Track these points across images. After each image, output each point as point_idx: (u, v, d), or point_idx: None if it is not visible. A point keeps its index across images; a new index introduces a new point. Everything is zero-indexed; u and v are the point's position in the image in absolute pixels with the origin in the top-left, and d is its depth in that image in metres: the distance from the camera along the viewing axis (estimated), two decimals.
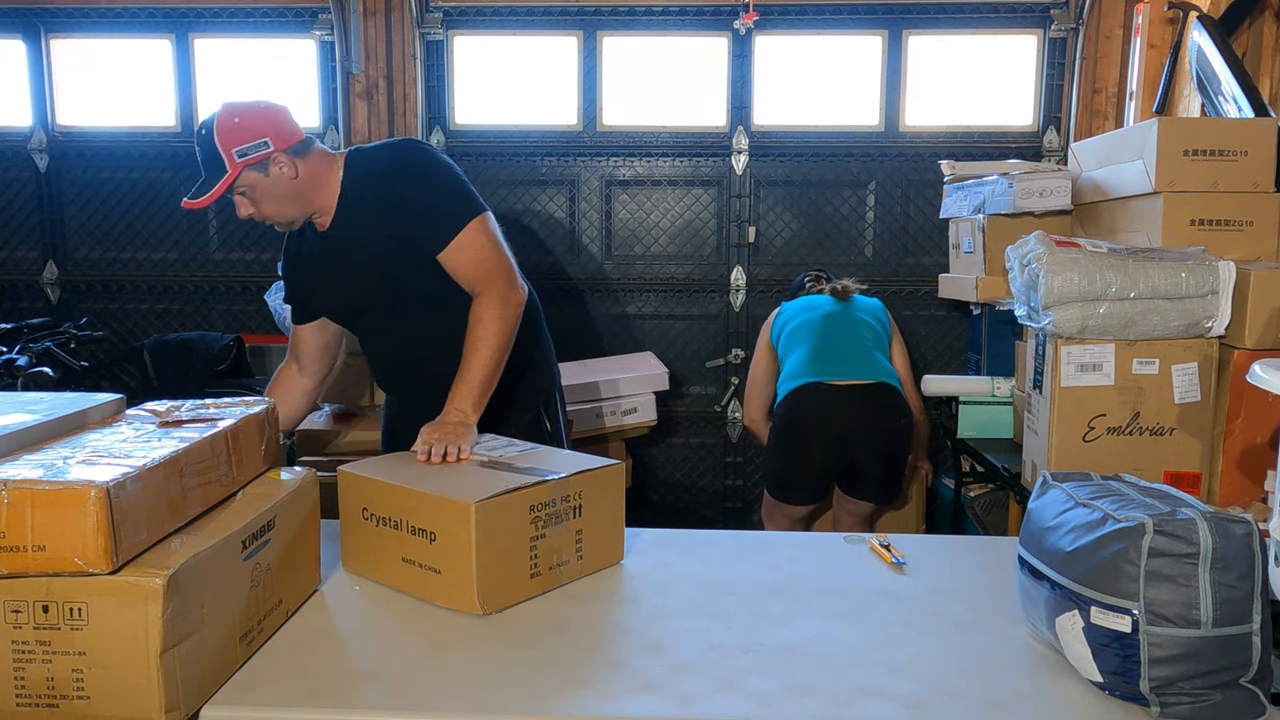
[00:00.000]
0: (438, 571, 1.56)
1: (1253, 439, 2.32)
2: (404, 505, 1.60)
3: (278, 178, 1.94)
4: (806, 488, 3.14)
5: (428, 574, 1.57)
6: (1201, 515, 1.25)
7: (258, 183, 1.93)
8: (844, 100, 4.20)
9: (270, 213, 1.98)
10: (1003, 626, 1.52)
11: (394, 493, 1.62)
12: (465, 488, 1.58)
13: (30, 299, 4.42)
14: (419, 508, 1.58)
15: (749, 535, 1.99)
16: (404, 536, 1.60)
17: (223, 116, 1.91)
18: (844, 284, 3.34)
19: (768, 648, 1.44)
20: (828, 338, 3.17)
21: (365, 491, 1.67)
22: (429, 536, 1.56)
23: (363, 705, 1.28)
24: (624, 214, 4.26)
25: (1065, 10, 4.04)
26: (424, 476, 1.67)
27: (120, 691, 1.17)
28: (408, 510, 1.59)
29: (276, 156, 1.92)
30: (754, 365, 3.45)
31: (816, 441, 3.06)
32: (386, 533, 1.63)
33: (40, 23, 4.26)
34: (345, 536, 1.72)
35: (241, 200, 1.96)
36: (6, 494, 1.13)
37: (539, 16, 4.14)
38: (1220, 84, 3.09)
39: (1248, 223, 2.57)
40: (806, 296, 3.41)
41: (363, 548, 1.68)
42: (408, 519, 1.59)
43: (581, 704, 1.28)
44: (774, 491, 3.20)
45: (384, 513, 1.63)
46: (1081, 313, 2.32)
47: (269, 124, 1.93)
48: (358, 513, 1.68)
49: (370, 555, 1.67)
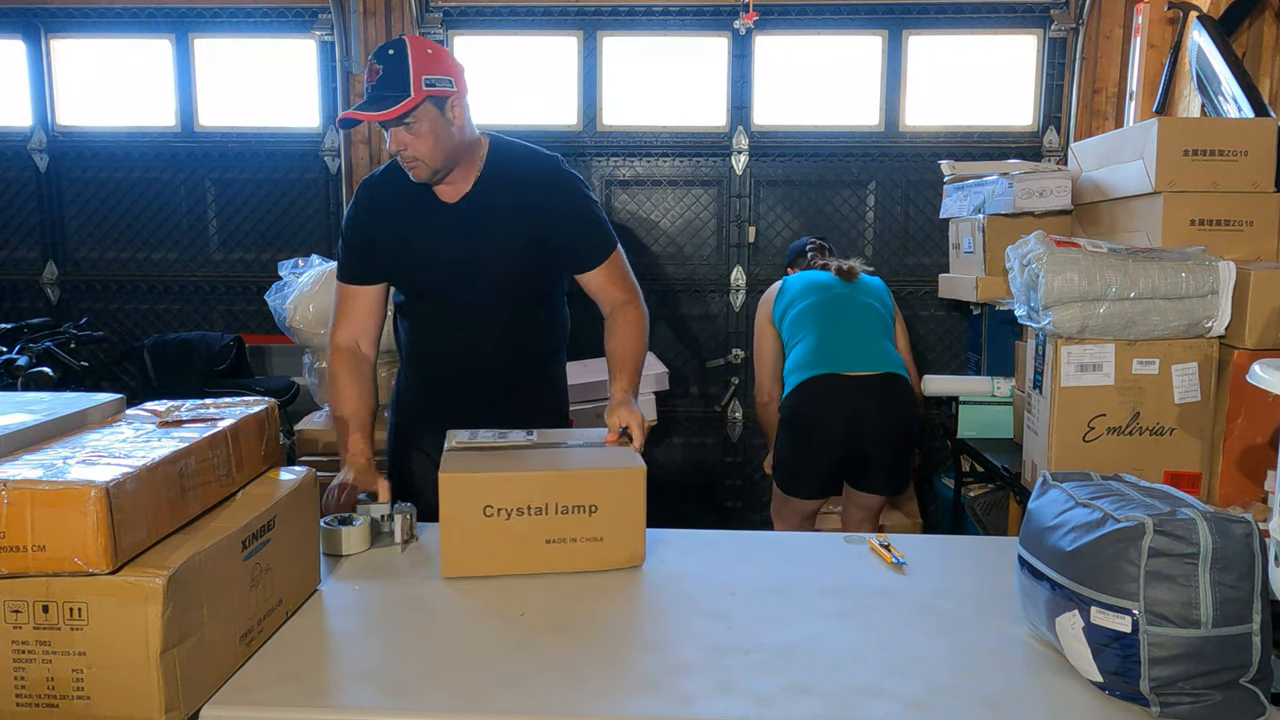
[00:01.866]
0: (599, 539, 1.71)
1: (1253, 439, 2.32)
2: (551, 490, 1.69)
3: (449, 120, 1.96)
4: (817, 481, 3.10)
5: (585, 546, 1.71)
6: (1201, 515, 1.25)
7: (431, 118, 1.93)
8: (844, 100, 4.20)
9: (424, 154, 1.96)
10: (1003, 626, 1.52)
11: (536, 481, 1.70)
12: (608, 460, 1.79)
13: (30, 299, 4.42)
14: (573, 487, 1.70)
15: (749, 535, 1.99)
16: (549, 520, 1.69)
17: (416, 43, 1.93)
18: (850, 264, 3.25)
19: (768, 648, 1.44)
20: (836, 325, 3.11)
21: (488, 490, 1.68)
22: (588, 510, 1.70)
23: (363, 705, 1.28)
24: (624, 214, 4.27)
25: (1065, 10, 4.04)
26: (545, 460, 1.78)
27: (120, 691, 1.17)
28: (556, 493, 1.69)
29: (456, 99, 1.96)
30: (759, 344, 3.33)
31: (828, 434, 3.02)
32: (524, 523, 1.69)
33: (40, 23, 4.26)
34: (455, 541, 1.69)
35: (401, 133, 1.93)
36: (6, 494, 1.13)
37: (539, 16, 4.14)
38: (1220, 84, 3.09)
39: (1248, 223, 2.57)
40: (810, 273, 3.31)
41: (484, 546, 1.69)
42: (556, 501, 1.69)
43: (581, 703, 1.28)
44: (784, 485, 3.15)
45: (519, 503, 1.68)
46: (1081, 313, 2.32)
47: (456, 68, 1.97)
48: (476, 514, 1.68)
49: (495, 551, 1.70)
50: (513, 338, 2.15)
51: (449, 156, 1.99)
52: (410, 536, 1.86)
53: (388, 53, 1.91)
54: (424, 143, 1.94)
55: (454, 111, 1.96)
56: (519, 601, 1.60)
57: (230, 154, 4.32)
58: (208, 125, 4.34)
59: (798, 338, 3.14)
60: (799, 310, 3.17)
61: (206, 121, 4.34)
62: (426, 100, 1.91)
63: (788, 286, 3.28)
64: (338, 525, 1.81)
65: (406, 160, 1.97)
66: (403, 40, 1.92)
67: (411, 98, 1.88)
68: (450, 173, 2.03)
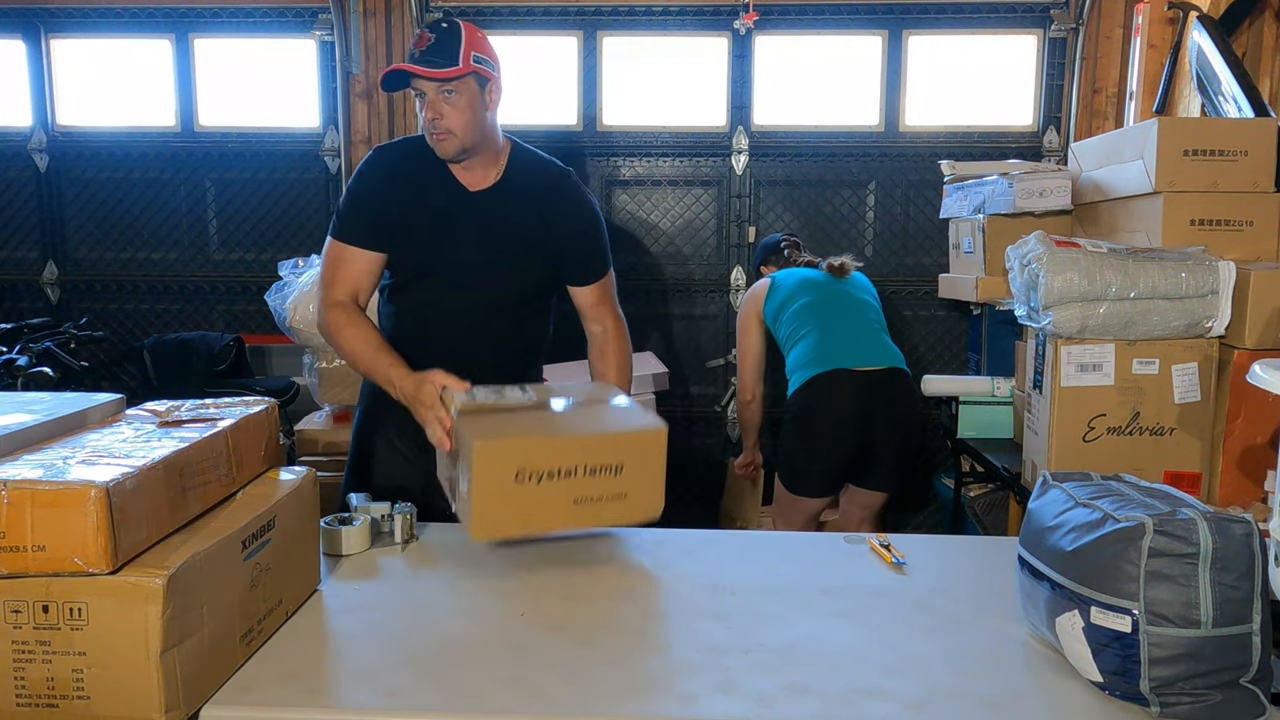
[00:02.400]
0: (624, 496, 1.75)
1: (1253, 439, 2.32)
2: (580, 452, 1.72)
3: (485, 101, 2.02)
4: (827, 479, 3.08)
5: (611, 503, 1.75)
6: (1201, 515, 1.25)
7: (472, 94, 1.99)
8: (844, 100, 4.20)
9: (455, 126, 1.99)
10: (1003, 626, 1.52)
11: (569, 444, 1.73)
12: (632, 421, 1.83)
13: (30, 299, 4.42)
14: (602, 449, 1.74)
15: (749, 535, 1.99)
16: (578, 481, 1.72)
17: (470, 26, 2.00)
18: (841, 260, 3.24)
19: (768, 648, 1.44)
20: (838, 321, 3.10)
21: (521, 454, 1.69)
22: (614, 470, 1.73)
23: (363, 705, 1.28)
24: (624, 214, 4.27)
25: (1065, 10, 4.04)
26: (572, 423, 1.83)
27: (120, 691, 1.17)
28: (586, 456, 1.72)
29: (494, 85, 2.04)
30: (745, 341, 3.30)
31: (838, 430, 3.00)
32: (553, 485, 1.71)
33: (40, 23, 4.26)
34: (486, 506, 1.70)
35: (440, 102, 1.97)
36: (6, 494, 1.13)
37: (539, 16, 4.14)
38: (1220, 84, 3.09)
39: (1248, 223, 2.57)
40: (799, 269, 3.30)
41: (514, 509, 1.70)
42: (584, 463, 1.72)
43: (581, 703, 1.28)
44: (792, 485, 3.11)
45: (551, 466, 1.70)
46: (1081, 313, 2.32)
47: (498, 59, 2.06)
48: (508, 479, 1.69)
49: (526, 512, 1.71)
50: (504, 336, 2.16)
51: (480, 137, 2.03)
52: (410, 536, 1.86)
53: (441, 25, 1.97)
54: (461, 116, 1.98)
55: (491, 96, 2.04)
56: (519, 601, 1.60)
57: (230, 154, 4.32)
58: (208, 125, 4.34)
59: (799, 335, 3.12)
60: (797, 308, 3.16)
61: (206, 121, 4.34)
62: (472, 75, 1.97)
63: (778, 283, 3.25)
64: (338, 525, 1.81)
65: (439, 131, 1.99)
66: (456, 21, 2.00)
67: (460, 67, 1.94)
68: (474, 158, 2.06)
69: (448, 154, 2.02)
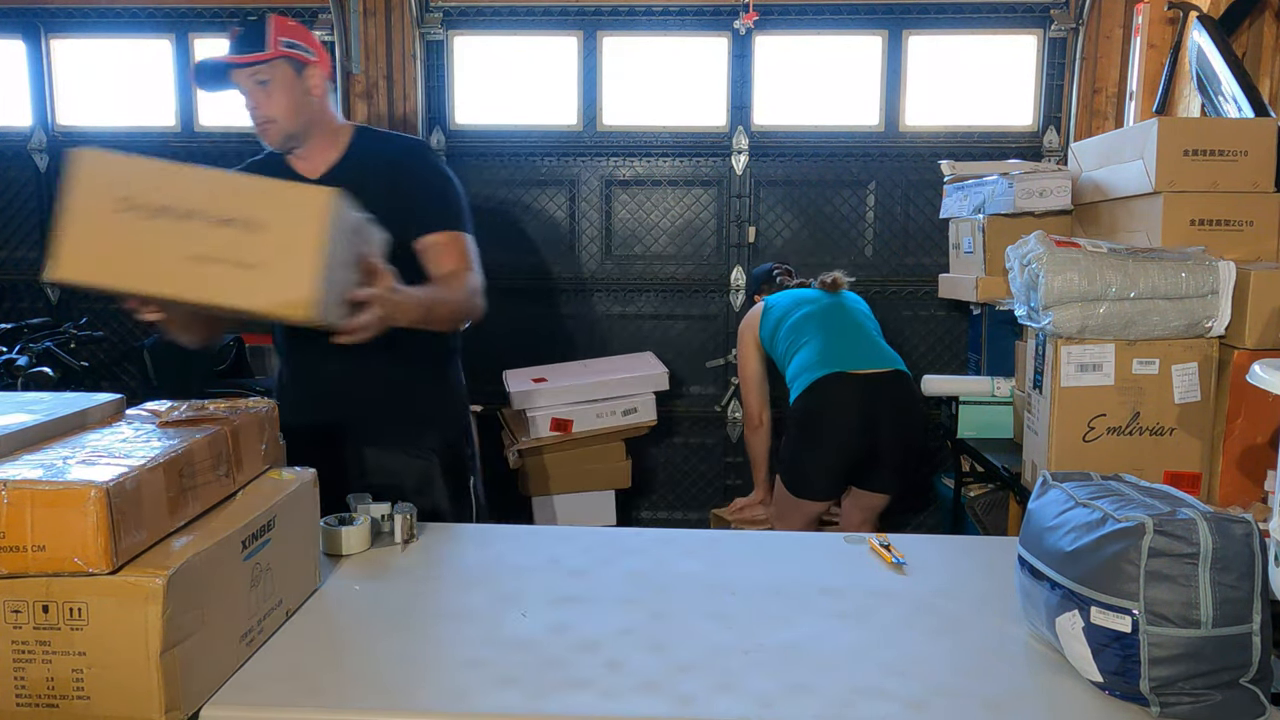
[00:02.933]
0: (258, 266, 1.40)
1: (1253, 439, 2.32)
2: (207, 191, 1.42)
3: (305, 85, 1.99)
4: (831, 480, 3.08)
5: (241, 271, 1.40)
6: (1201, 515, 1.25)
7: (286, 79, 1.97)
8: (844, 100, 4.20)
9: (274, 113, 1.98)
10: (1003, 626, 1.52)
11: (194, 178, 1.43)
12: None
13: (30, 299, 4.42)
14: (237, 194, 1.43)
15: (749, 535, 1.99)
16: (200, 229, 1.40)
17: (281, 17, 1.99)
18: (834, 276, 3.30)
19: (768, 648, 1.44)
20: (837, 329, 3.13)
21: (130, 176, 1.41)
22: (250, 228, 1.40)
23: (362, 705, 1.28)
24: (624, 214, 4.26)
25: (1065, 10, 4.04)
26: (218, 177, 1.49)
27: (120, 691, 1.17)
28: (215, 199, 1.41)
29: (315, 70, 2.01)
30: (746, 368, 3.36)
31: (842, 431, 3.01)
32: (165, 226, 1.40)
33: (40, 23, 4.26)
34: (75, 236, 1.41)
35: (257, 91, 1.96)
36: (6, 494, 1.13)
37: (539, 16, 4.14)
38: (1220, 84, 3.09)
39: (1248, 223, 2.57)
40: (791, 290, 3.36)
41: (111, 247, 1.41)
42: (211, 209, 1.40)
43: (581, 704, 1.28)
44: (796, 488, 3.11)
45: (167, 200, 1.40)
46: (1081, 313, 2.32)
47: (319, 46, 2.04)
48: (105, 206, 1.40)
49: (124, 255, 1.41)
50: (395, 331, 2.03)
51: (305, 122, 2.02)
52: (410, 536, 1.86)
53: (249, 19, 2.01)
54: (278, 102, 1.97)
55: (312, 80, 2.01)
56: (519, 602, 1.60)
57: (230, 154, 4.30)
58: (208, 125, 4.33)
59: (800, 344, 3.15)
60: (795, 320, 3.21)
61: (206, 121, 4.33)
62: (282, 59, 1.95)
63: (772, 305, 3.32)
64: (338, 525, 1.81)
65: (260, 122, 1.99)
66: (266, 13, 2.01)
67: (268, 51, 1.93)
68: (305, 145, 2.05)
69: (274, 142, 2.02)
